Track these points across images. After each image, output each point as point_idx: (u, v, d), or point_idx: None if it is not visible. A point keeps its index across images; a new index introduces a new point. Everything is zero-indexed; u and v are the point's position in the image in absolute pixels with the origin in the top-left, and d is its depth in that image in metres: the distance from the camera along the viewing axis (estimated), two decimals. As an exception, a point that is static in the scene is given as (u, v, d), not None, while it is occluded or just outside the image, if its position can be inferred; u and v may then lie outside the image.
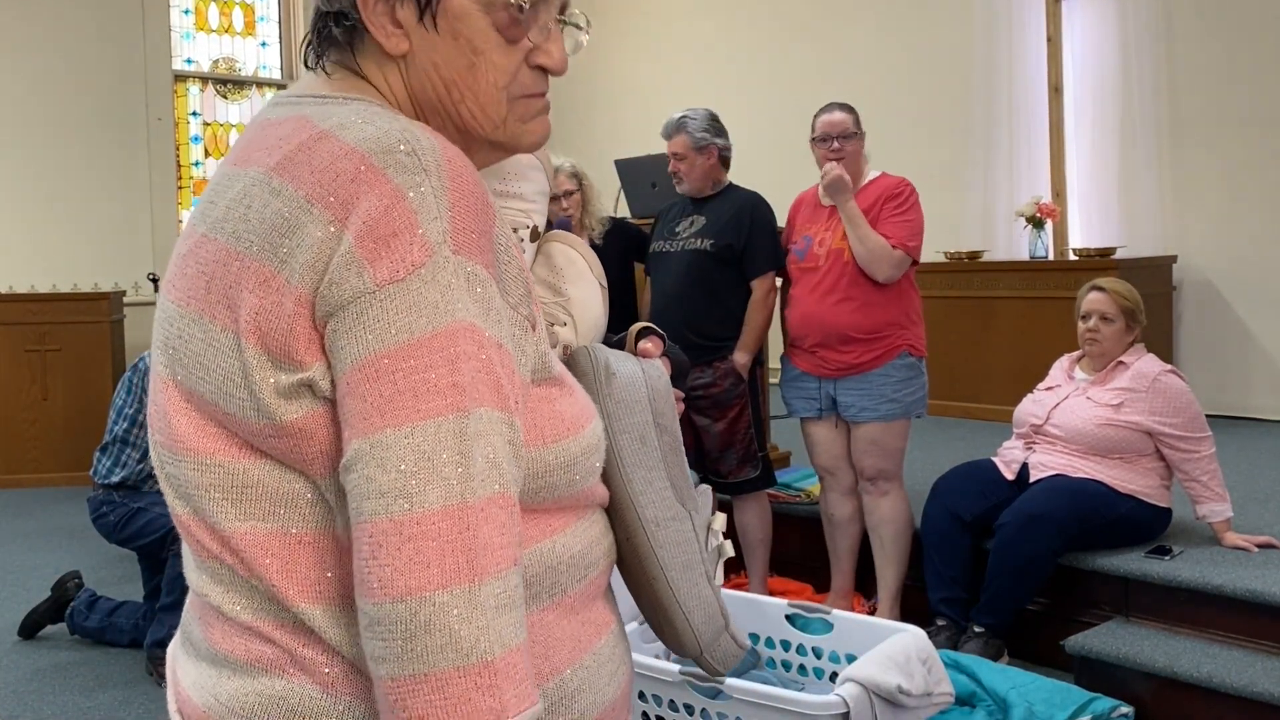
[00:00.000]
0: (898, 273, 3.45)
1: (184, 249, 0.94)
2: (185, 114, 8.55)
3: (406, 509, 0.78)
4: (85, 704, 3.38)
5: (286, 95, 0.98)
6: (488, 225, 0.87)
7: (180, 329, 0.93)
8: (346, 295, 0.81)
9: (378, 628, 0.77)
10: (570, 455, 0.94)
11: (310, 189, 0.84)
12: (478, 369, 0.82)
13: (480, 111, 0.96)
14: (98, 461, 3.78)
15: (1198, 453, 3.39)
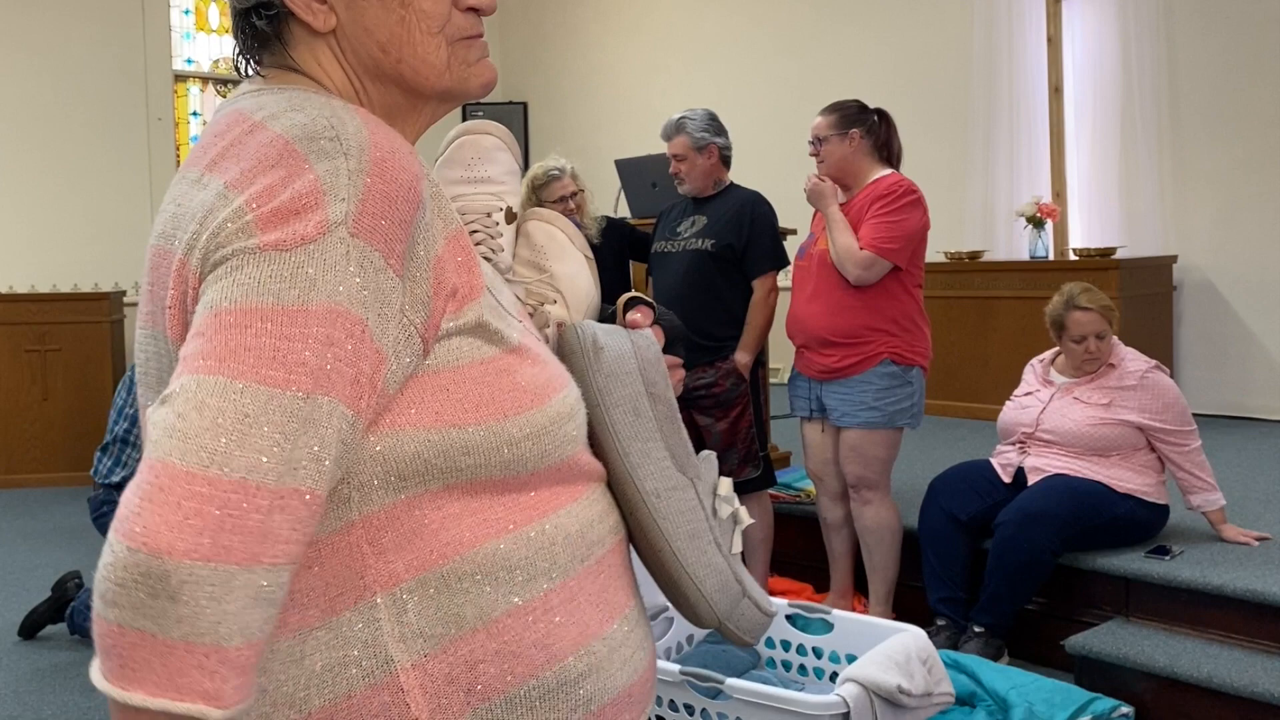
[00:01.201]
0: (867, 274, 3.38)
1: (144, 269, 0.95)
2: (185, 114, 8.56)
3: (204, 465, 0.73)
4: (85, 704, 3.38)
5: (226, 100, 0.98)
6: (405, 215, 0.84)
7: (146, 350, 0.92)
8: (227, 253, 0.79)
9: (122, 573, 0.72)
10: (537, 425, 0.91)
11: (232, 177, 0.84)
12: (338, 357, 0.78)
13: (421, 63, 0.95)
14: (98, 461, 3.78)
15: (1188, 445, 3.41)
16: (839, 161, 3.52)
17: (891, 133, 3.58)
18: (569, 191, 4.03)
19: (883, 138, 3.55)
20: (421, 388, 0.86)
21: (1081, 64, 6.40)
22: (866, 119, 3.53)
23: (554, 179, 4.05)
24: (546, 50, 9.42)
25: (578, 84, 9.09)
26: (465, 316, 0.89)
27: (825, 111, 3.58)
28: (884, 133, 3.55)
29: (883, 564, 3.58)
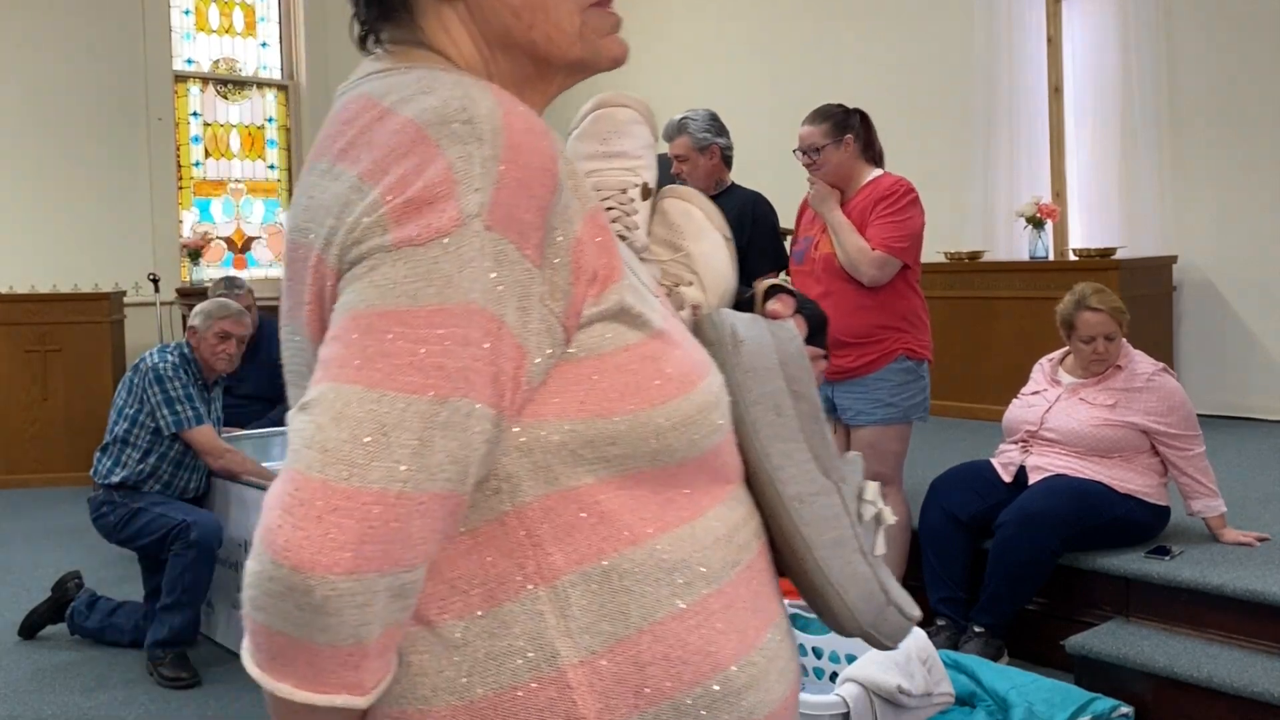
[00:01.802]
0: (881, 274, 3.42)
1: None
2: (186, 114, 8.55)
3: (344, 478, 0.72)
4: (85, 704, 3.38)
5: (349, 83, 0.95)
6: (542, 201, 0.81)
7: (289, 345, 0.90)
8: (364, 251, 0.78)
9: (268, 584, 0.73)
10: (684, 414, 0.87)
11: (364, 167, 0.81)
12: (476, 357, 0.77)
13: (555, 30, 0.91)
14: (98, 461, 3.78)
15: (1191, 450, 3.40)
16: (837, 168, 3.53)
17: (872, 132, 3.62)
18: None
19: (866, 138, 3.58)
20: (564, 377, 0.84)
21: (1081, 64, 6.40)
22: (853, 123, 3.56)
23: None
24: (546, 50, 9.42)
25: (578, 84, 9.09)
26: (607, 301, 0.86)
27: (814, 120, 3.57)
28: (866, 133, 3.59)
29: (893, 561, 3.59)
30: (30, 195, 7.52)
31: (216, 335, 3.79)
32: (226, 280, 5.26)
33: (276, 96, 9.05)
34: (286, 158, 9.11)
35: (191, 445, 3.72)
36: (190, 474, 3.80)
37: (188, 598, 3.57)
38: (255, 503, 3.66)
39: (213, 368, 3.81)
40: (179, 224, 8.40)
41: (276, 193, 9.12)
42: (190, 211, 8.62)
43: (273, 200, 9.10)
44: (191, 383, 3.74)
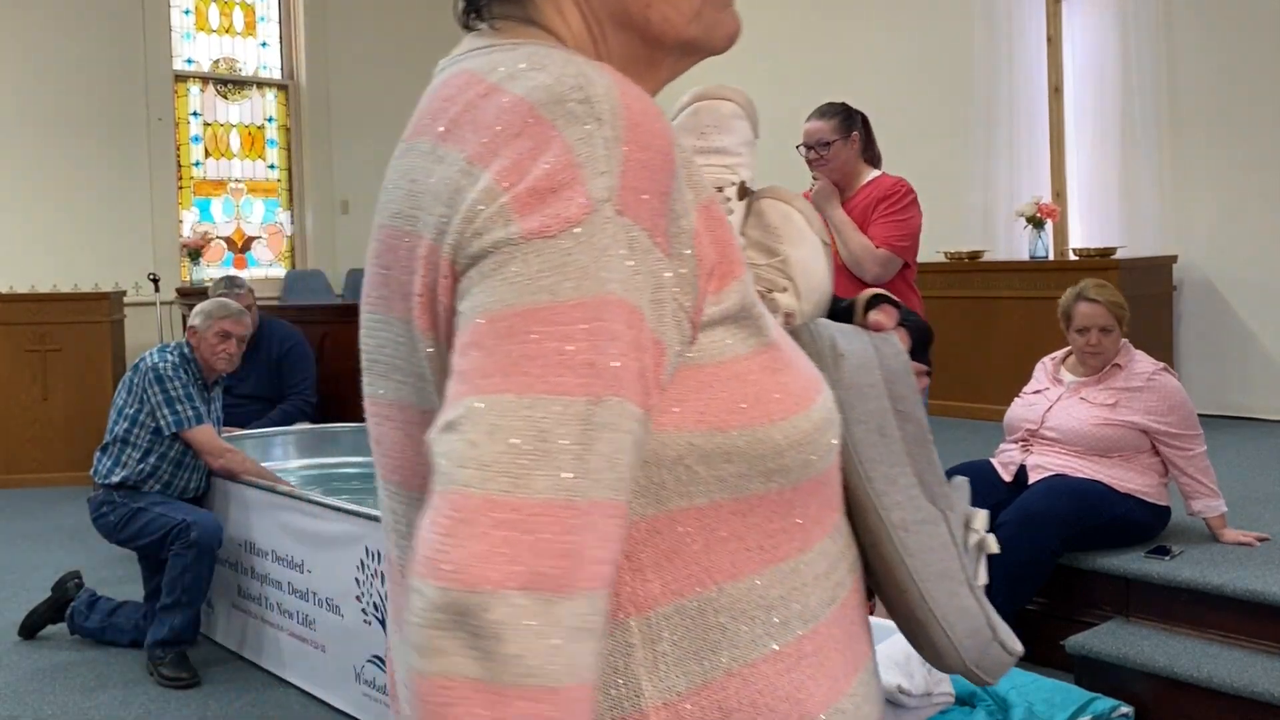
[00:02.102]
0: (885, 272, 3.45)
1: (369, 247, 0.86)
2: (186, 114, 8.55)
3: (507, 490, 0.67)
4: (85, 704, 3.38)
5: (450, 59, 0.89)
6: (665, 185, 0.76)
7: (377, 336, 0.84)
8: (488, 244, 0.72)
9: (439, 615, 0.66)
10: (802, 432, 0.81)
11: (473, 149, 0.75)
12: (622, 352, 0.71)
13: (671, 8, 0.86)
14: (98, 461, 3.78)
15: (1192, 450, 3.40)
16: (843, 164, 3.55)
17: (871, 134, 3.65)
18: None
19: (866, 139, 3.62)
20: (685, 384, 0.77)
21: (1081, 64, 6.40)
22: (858, 121, 3.59)
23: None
24: (546, 50, 9.42)
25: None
26: (727, 300, 0.80)
27: (822, 116, 3.59)
28: (866, 134, 3.62)
29: None
30: (30, 195, 7.52)
31: (216, 335, 3.79)
32: (226, 280, 5.26)
33: (276, 96, 9.05)
34: (286, 157, 9.11)
35: (191, 445, 3.72)
36: (190, 474, 3.80)
37: (188, 598, 3.57)
38: (255, 503, 3.67)
39: (213, 367, 3.81)
40: (179, 224, 8.40)
41: (276, 192, 9.12)
42: (190, 211, 8.62)
43: (273, 200, 9.10)
44: (191, 382, 3.73)
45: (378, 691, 3.09)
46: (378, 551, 3.05)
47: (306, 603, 3.39)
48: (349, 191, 9.12)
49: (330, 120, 9.01)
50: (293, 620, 3.47)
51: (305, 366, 5.37)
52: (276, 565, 3.54)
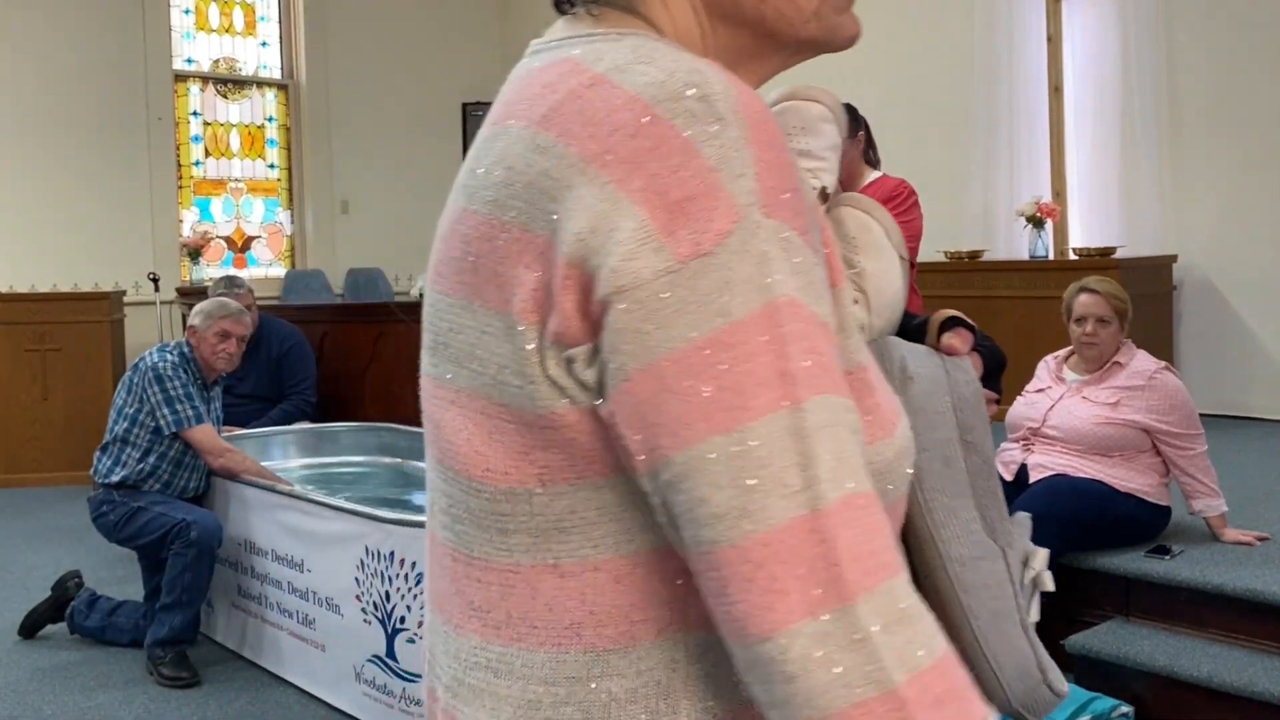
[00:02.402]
0: None
1: (444, 228, 0.82)
2: (186, 114, 8.55)
3: (750, 531, 0.66)
4: (85, 704, 3.38)
5: (545, 42, 0.84)
6: (795, 183, 0.73)
7: (450, 320, 0.80)
8: (644, 274, 0.68)
9: (755, 672, 0.66)
10: (885, 460, 0.79)
11: (584, 146, 0.71)
12: (808, 350, 0.69)
13: (790, 5, 0.82)
14: (98, 461, 3.78)
15: (1193, 449, 3.40)
16: (849, 164, 3.55)
17: (871, 135, 3.66)
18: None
19: (867, 140, 3.63)
20: None
21: (1081, 64, 6.40)
22: (862, 122, 3.60)
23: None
24: (546, 50, 9.42)
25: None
26: (838, 307, 0.78)
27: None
28: (867, 136, 3.63)
29: None
30: (30, 194, 7.52)
31: (216, 334, 3.79)
32: (226, 279, 5.26)
33: (276, 96, 9.05)
34: (286, 157, 9.11)
35: (191, 444, 3.72)
36: (190, 473, 3.80)
37: (188, 597, 3.57)
38: (255, 502, 3.67)
39: (213, 367, 3.81)
40: (179, 223, 8.40)
41: (276, 192, 9.12)
42: (190, 211, 8.62)
43: (272, 199, 9.10)
44: (191, 382, 3.73)
45: (377, 691, 3.09)
46: (378, 551, 3.05)
47: (306, 602, 3.39)
48: (349, 191, 9.12)
49: (330, 120, 9.01)
50: (292, 620, 3.47)
51: (305, 366, 5.37)
52: (276, 565, 3.54)
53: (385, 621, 3.03)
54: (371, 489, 4.43)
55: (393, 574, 2.99)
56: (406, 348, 5.58)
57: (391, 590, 3.00)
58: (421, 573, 2.92)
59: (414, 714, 2.98)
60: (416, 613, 2.94)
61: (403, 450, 4.62)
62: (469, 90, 9.62)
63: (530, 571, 0.77)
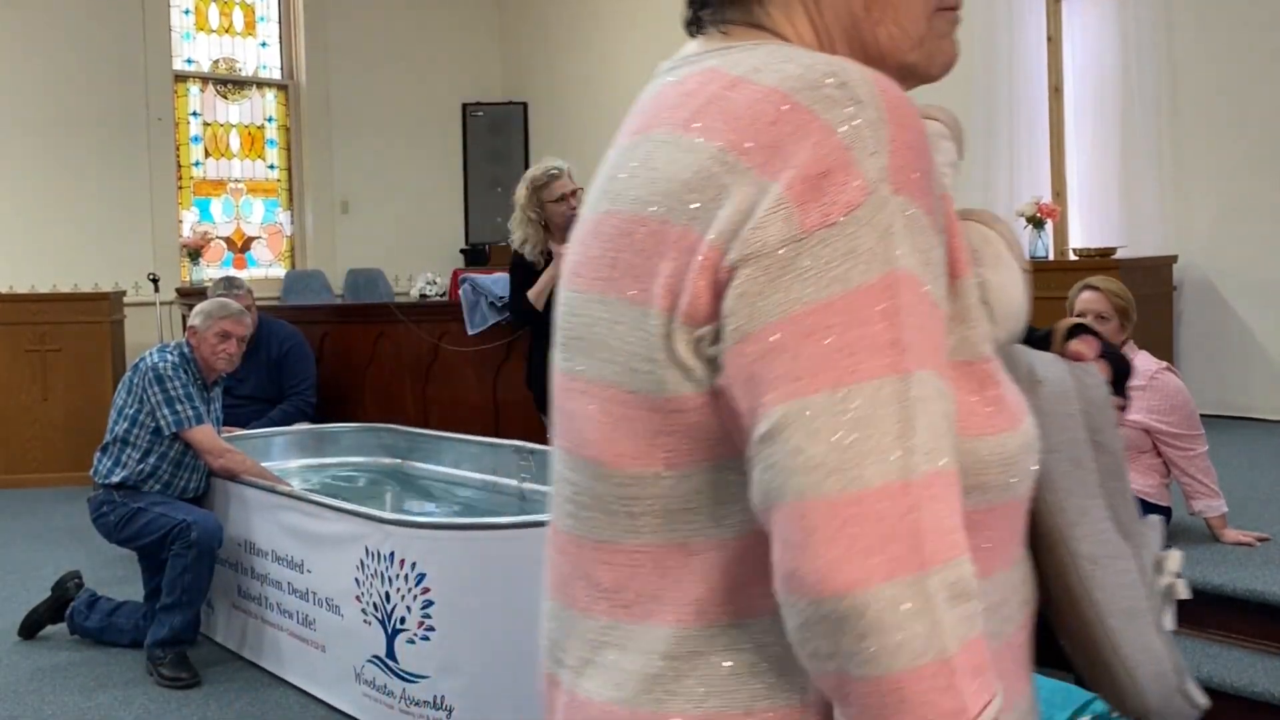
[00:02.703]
0: None
1: (582, 233, 0.86)
2: (185, 114, 8.55)
3: (842, 487, 0.67)
4: (85, 704, 3.38)
5: (679, 58, 0.88)
6: (928, 166, 0.75)
7: (584, 314, 0.84)
8: (770, 241, 0.71)
9: (820, 626, 0.68)
10: (1007, 451, 0.80)
11: (726, 139, 0.75)
12: (920, 325, 0.71)
13: (900, 31, 0.87)
14: (98, 461, 3.78)
15: (1193, 450, 3.40)
16: None
17: None
18: (569, 190, 4.03)
19: None
20: None
21: (1081, 64, 6.40)
22: None
23: (554, 178, 4.05)
24: (546, 50, 9.42)
25: (578, 83, 9.09)
26: (962, 296, 0.81)
27: None
28: None
29: None
30: (30, 195, 7.52)
31: (217, 335, 3.79)
32: (226, 280, 5.26)
33: (276, 96, 9.05)
34: (286, 157, 9.11)
35: (191, 445, 3.72)
36: (190, 474, 3.80)
37: (188, 598, 3.57)
38: (255, 502, 3.67)
39: (213, 367, 3.81)
40: (179, 224, 8.41)
41: (276, 192, 9.12)
42: (190, 211, 8.62)
43: (272, 200, 9.10)
44: (191, 382, 3.73)
45: (377, 691, 3.09)
46: (377, 551, 3.05)
47: (306, 603, 3.40)
48: (349, 191, 9.12)
49: (330, 120, 9.01)
50: (292, 620, 3.47)
51: (305, 367, 5.37)
52: (276, 565, 3.54)
53: (385, 622, 3.03)
54: (371, 489, 4.44)
55: (393, 575, 2.99)
56: (406, 348, 5.59)
57: (391, 591, 3.00)
58: (423, 574, 2.93)
59: (414, 714, 2.98)
60: (416, 613, 2.94)
61: (403, 450, 4.62)
62: (469, 90, 9.62)
63: (658, 552, 0.80)
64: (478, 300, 5.16)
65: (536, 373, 4.17)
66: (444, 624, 2.92)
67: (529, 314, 4.12)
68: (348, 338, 5.90)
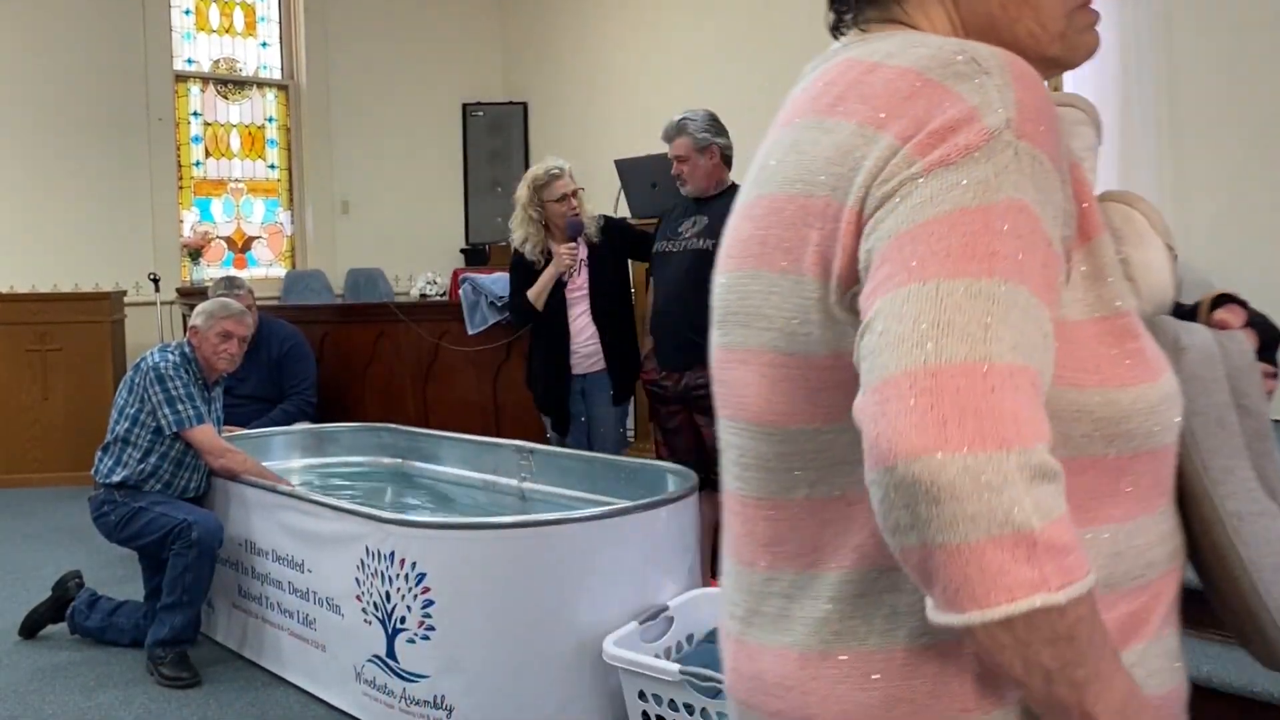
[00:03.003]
0: None
1: (734, 219, 0.93)
2: (186, 114, 8.56)
3: (922, 360, 0.70)
4: (85, 704, 3.38)
5: (821, 57, 0.95)
6: (1054, 124, 0.80)
7: (737, 290, 0.90)
8: (894, 185, 0.77)
9: (896, 494, 0.70)
10: (1149, 402, 0.84)
11: (864, 115, 0.81)
12: (1024, 249, 0.74)
13: (1039, 27, 0.91)
14: (99, 461, 3.78)
15: None
16: None
17: None
18: (570, 190, 4.04)
19: None
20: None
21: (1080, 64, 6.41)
22: None
23: (555, 178, 4.06)
24: (546, 50, 9.42)
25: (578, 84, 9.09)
26: (1094, 256, 0.85)
27: None
28: None
29: None
30: (31, 195, 7.53)
31: (218, 335, 3.79)
32: (227, 280, 5.26)
33: (277, 96, 9.06)
34: (286, 157, 9.12)
35: (192, 444, 3.72)
36: (191, 473, 3.80)
37: (188, 597, 3.57)
38: (256, 502, 3.67)
39: (214, 367, 3.82)
40: (179, 224, 8.41)
41: (277, 192, 9.13)
42: (190, 211, 8.63)
43: (273, 200, 9.11)
44: (192, 382, 3.74)
45: (377, 691, 3.09)
46: (378, 551, 3.05)
47: (307, 602, 3.40)
48: (349, 191, 9.12)
49: (330, 120, 9.02)
50: (293, 620, 3.47)
51: (305, 366, 5.37)
52: (277, 565, 3.54)
53: (385, 622, 3.03)
54: (371, 489, 4.44)
55: (393, 574, 3.00)
56: (406, 348, 5.59)
57: (392, 590, 3.00)
58: (423, 573, 2.93)
59: (414, 714, 2.98)
60: (417, 613, 2.95)
61: (403, 450, 4.63)
62: (469, 91, 9.63)
63: (818, 504, 0.85)
64: (478, 300, 5.16)
65: (536, 373, 4.17)
66: (444, 624, 2.92)
67: (529, 314, 4.12)
68: (348, 338, 5.90)
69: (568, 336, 4.06)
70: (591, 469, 3.79)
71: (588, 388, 4.09)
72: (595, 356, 4.07)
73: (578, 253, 4.06)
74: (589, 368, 4.08)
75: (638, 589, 2.98)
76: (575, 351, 4.07)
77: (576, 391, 4.09)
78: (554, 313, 4.07)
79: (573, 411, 4.10)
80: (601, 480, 3.73)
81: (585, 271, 4.07)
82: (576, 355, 4.07)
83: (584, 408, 4.10)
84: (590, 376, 4.08)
